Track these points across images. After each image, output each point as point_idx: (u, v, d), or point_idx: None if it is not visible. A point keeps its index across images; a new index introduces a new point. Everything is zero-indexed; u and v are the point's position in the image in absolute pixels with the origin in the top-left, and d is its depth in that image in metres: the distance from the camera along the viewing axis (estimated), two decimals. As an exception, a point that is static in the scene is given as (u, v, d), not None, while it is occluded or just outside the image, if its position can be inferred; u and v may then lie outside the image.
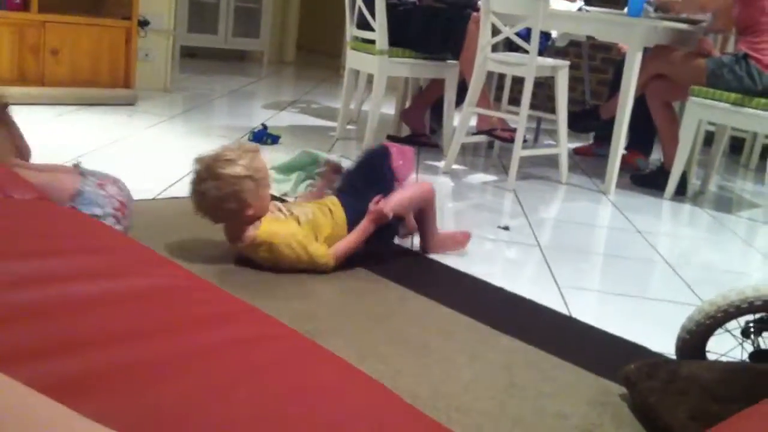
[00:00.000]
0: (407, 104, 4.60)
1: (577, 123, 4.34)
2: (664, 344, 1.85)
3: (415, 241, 2.50)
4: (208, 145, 2.52)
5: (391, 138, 4.16)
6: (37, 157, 2.29)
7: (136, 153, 3.30)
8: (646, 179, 3.88)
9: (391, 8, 3.87)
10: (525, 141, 3.83)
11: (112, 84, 4.28)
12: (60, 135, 3.46)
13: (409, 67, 4.05)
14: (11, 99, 3.91)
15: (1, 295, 1.00)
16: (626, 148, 3.82)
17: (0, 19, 3.92)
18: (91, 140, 3.37)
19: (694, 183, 3.86)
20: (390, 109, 4.67)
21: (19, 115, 3.66)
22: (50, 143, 3.26)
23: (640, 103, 3.71)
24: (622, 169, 3.71)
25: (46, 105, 3.96)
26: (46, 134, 3.44)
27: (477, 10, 3.79)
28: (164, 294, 1.11)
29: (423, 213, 2.41)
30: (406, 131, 4.44)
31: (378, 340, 1.74)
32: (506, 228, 2.85)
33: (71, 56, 4.13)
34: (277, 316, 1.13)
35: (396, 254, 2.39)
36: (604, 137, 4.17)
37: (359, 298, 2.01)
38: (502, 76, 5.02)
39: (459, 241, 2.53)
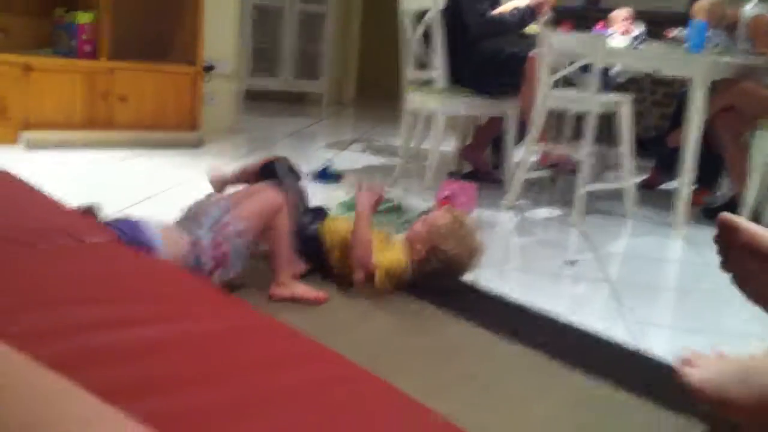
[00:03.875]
0: (467, 141, 4.59)
1: (647, 147, 4.33)
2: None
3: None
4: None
5: (452, 175, 4.15)
6: (103, 200, 2.33)
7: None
8: (718, 212, 3.77)
9: (449, 49, 3.88)
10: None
11: (178, 127, 4.39)
12: (128, 177, 3.55)
13: (468, 106, 4.05)
14: (82, 143, 4.03)
15: (75, 338, 1.02)
16: (693, 186, 3.72)
17: (71, 66, 4.07)
18: (158, 182, 3.45)
19: (766, 215, 3.74)
20: (450, 146, 4.67)
21: (88, 158, 3.78)
22: (118, 185, 3.35)
23: (702, 137, 3.59)
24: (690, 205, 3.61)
25: (116, 148, 4.07)
26: (115, 177, 3.54)
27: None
28: (236, 336, 1.11)
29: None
30: (467, 168, 4.43)
31: (445, 377, 1.72)
32: (573, 263, 2.80)
33: (139, 101, 4.25)
34: (343, 353, 1.12)
35: (458, 289, 2.36)
36: (668, 165, 4.09)
37: (422, 335, 1.99)
38: (561, 113, 4.97)
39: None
